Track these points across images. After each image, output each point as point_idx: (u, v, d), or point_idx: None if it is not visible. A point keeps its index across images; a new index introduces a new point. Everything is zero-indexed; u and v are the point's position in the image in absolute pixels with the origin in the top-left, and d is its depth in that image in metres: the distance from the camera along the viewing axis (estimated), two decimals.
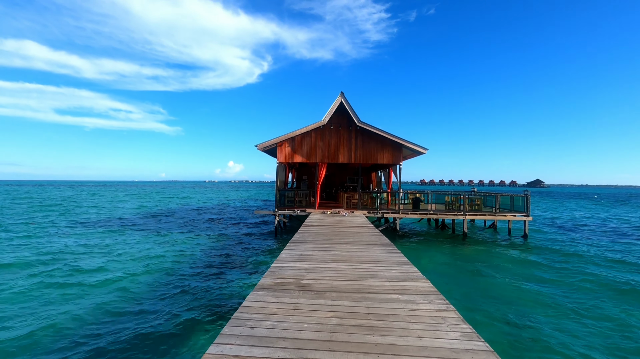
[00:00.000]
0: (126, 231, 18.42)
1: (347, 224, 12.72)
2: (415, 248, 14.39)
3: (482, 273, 10.57)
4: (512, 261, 12.47)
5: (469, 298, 8.25)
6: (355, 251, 7.62)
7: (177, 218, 26.04)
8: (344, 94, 16.93)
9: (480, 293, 8.62)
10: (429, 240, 16.62)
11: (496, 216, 17.51)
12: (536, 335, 6.19)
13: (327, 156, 17.95)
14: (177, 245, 14.75)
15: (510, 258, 12.97)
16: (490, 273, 10.64)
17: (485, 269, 11.03)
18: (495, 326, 6.54)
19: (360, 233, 10.50)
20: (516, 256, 13.32)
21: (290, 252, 7.32)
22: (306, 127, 17.18)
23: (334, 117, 17.97)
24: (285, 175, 20.81)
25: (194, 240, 16.01)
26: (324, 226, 12.04)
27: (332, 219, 14.32)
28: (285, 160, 18.06)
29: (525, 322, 6.77)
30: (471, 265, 11.67)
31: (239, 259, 12.12)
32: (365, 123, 17.01)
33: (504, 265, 11.86)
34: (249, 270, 10.71)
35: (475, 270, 10.99)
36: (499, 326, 6.55)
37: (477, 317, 6.86)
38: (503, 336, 6.15)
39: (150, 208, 34.89)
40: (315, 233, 10.31)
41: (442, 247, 14.98)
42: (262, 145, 17.43)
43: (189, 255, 12.76)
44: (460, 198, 18.01)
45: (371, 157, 17.87)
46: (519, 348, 5.71)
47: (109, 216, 26.18)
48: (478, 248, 14.74)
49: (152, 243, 15.16)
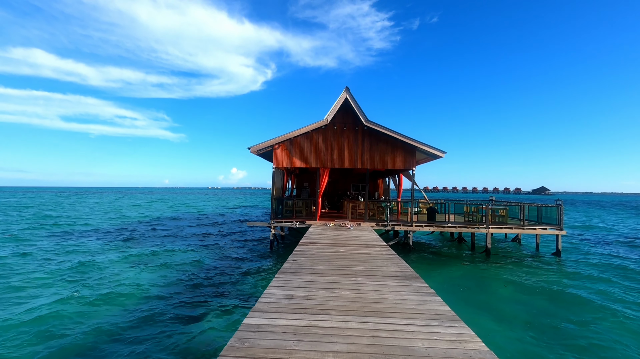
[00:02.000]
0: (89, 243, 16.27)
1: (354, 241, 10.51)
2: (433, 269, 12.09)
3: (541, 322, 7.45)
4: (574, 304, 8.69)
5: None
6: (368, 289, 5.41)
7: (162, 229, 23.88)
8: (349, 89, 14.86)
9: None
10: (447, 258, 14.33)
11: (524, 229, 15.20)
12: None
13: (330, 160, 15.81)
14: (143, 267, 11.89)
15: (563, 294, 10.21)
16: (554, 323, 7.31)
17: (538, 316, 7.94)
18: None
19: (371, 255, 8.27)
20: (573, 289, 10.56)
21: (276, 292, 5.12)
22: (306, 127, 15.09)
23: (338, 116, 15.87)
24: (283, 181, 18.68)
25: (170, 257, 13.68)
26: (325, 244, 9.83)
27: (335, 234, 12.11)
28: (283, 165, 15.94)
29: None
30: (517, 303, 8.64)
31: (210, 293, 8.95)
32: (374, 123, 14.90)
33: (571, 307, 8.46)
34: (217, 316, 7.46)
35: (529, 311, 8.35)
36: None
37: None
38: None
39: (135, 217, 32.81)
40: (314, 255, 8.09)
41: (465, 268, 12.66)
42: (255, 148, 15.34)
43: (143, 288, 9.29)
44: (482, 209, 15.75)
45: (380, 162, 15.70)
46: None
47: (81, 228, 24.08)
48: (508, 270, 12.42)
49: (115, 259, 12.95)
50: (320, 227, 14.11)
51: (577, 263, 13.98)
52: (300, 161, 15.87)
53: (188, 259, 13.07)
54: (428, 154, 15.73)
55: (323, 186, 16.14)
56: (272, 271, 11.46)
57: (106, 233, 20.78)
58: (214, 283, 9.95)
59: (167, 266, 11.95)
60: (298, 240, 12.19)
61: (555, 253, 15.31)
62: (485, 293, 9.60)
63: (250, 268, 11.75)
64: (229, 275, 10.95)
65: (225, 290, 9.29)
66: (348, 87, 14.84)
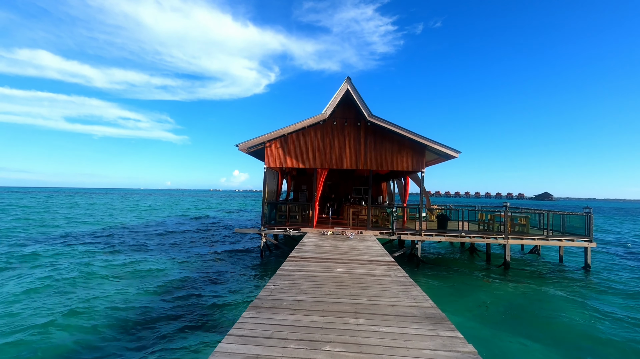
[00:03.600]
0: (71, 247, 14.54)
1: (355, 254, 8.73)
2: (452, 290, 10.20)
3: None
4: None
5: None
6: (375, 343, 3.63)
7: (146, 234, 22.15)
8: (351, 80, 13.15)
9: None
10: (463, 274, 12.49)
11: (549, 240, 13.37)
12: None
13: (329, 160, 14.07)
14: (101, 282, 10.12)
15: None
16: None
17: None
18: None
19: (377, 277, 6.49)
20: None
21: (233, 350, 3.35)
22: (301, 122, 13.36)
23: (338, 110, 14.15)
24: (277, 183, 16.95)
25: (136, 272, 11.77)
26: (320, 259, 8.05)
27: (333, 245, 10.33)
28: (276, 165, 14.21)
29: None
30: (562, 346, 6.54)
31: (171, 329, 6.73)
32: (378, 118, 13.16)
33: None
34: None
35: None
36: None
37: None
38: None
39: (116, 222, 31.14)
40: (303, 278, 6.32)
41: (491, 288, 10.77)
42: (245, 145, 13.61)
43: (89, 313, 7.39)
44: (500, 216, 13.94)
45: (385, 162, 13.94)
46: None
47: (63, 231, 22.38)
48: (533, 289, 10.57)
49: (81, 270, 11.20)
50: (316, 236, 12.35)
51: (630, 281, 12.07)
52: (295, 160, 14.13)
53: (158, 275, 11.08)
54: (439, 154, 13.96)
55: (320, 190, 14.38)
56: (260, 285, 9.68)
57: (72, 238, 19.06)
58: (172, 315, 7.47)
59: (134, 285, 10.16)
60: (293, 246, 10.44)
61: (584, 268, 13.46)
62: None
63: (231, 289, 9.49)
64: (195, 304, 8.87)
65: (179, 331, 6.69)
66: (349, 78, 13.13)
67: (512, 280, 11.49)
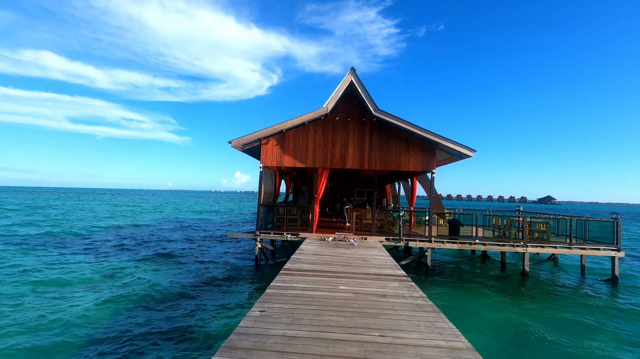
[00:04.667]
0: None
1: (360, 266, 7.54)
2: (472, 309, 8.95)
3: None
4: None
5: None
6: None
7: (133, 238, 21.02)
8: (355, 71, 11.99)
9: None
10: (479, 285, 11.26)
11: (572, 249, 12.14)
12: None
13: (330, 159, 12.90)
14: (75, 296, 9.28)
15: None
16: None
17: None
18: None
19: (388, 298, 5.30)
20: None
21: None
22: (300, 117, 12.19)
23: (341, 104, 12.99)
24: (274, 184, 15.78)
25: (105, 278, 10.81)
26: (319, 272, 6.86)
27: (334, 253, 9.14)
28: (273, 164, 13.04)
29: None
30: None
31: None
32: (385, 113, 11.99)
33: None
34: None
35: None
36: None
37: None
38: None
39: (112, 222, 30.07)
40: (297, 300, 5.14)
41: (516, 305, 9.53)
42: (239, 141, 12.45)
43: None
44: (518, 222, 12.72)
45: (392, 162, 12.75)
46: None
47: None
48: (561, 308, 9.33)
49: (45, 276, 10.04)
50: (316, 242, 11.15)
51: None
52: (294, 159, 12.96)
53: (137, 286, 9.84)
54: (452, 153, 12.77)
55: (321, 191, 13.20)
56: (249, 303, 8.49)
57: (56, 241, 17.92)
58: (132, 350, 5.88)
59: (96, 295, 8.99)
60: (291, 252, 9.23)
61: (610, 280, 12.20)
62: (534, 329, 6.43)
63: (212, 308, 8.04)
64: (191, 313, 7.93)
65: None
66: (354, 69, 11.97)
67: (534, 295, 10.23)
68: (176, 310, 7.94)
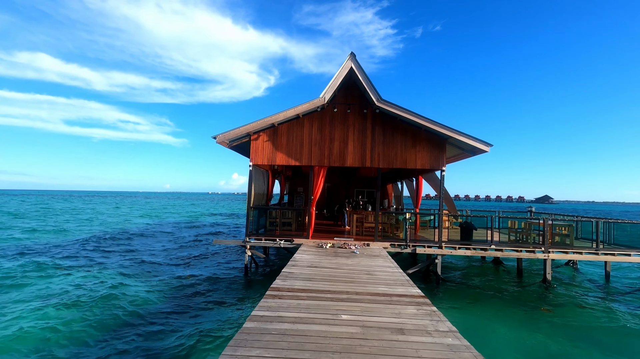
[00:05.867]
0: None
1: (364, 282, 6.19)
2: (490, 316, 7.66)
3: None
4: None
5: None
6: None
7: (115, 244, 19.58)
8: (356, 57, 10.66)
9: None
10: (497, 295, 9.93)
11: (599, 255, 10.85)
12: None
13: (328, 156, 11.55)
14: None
15: None
16: None
17: None
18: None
19: (408, 337, 3.95)
20: None
21: None
22: (294, 109, 10.83)
23: (340, 94, 11.67)
24: (267, 184, 14.41)
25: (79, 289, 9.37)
26: (314, 295, 5.50)
27: (333, 264, 7.78)
28: (264, 162, 11.67)
29: None
30: None
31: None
32: (389, 103, 10.66)
33: None
34: None
35: None
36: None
37: None
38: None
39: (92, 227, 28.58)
40: (283, 340, 3.78)
41: (546, 319, 8.24)
42: (225, 136, 11.07)
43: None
44: (539, 225, 11.42)
45: (397, 158, 11.42)
46: None
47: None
48: (597, 322, 8.02)
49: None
50: (312, 249, 9.79)
51: None
52: (287, 157, 11.60)
53: (96, 303, 8.45)
54: (463, 148, 11.46)
55: (318, 192, 11.84)
56: (237, 324, 7.10)
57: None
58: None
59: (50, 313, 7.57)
60: (285, 261, 7.87)
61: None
62: None
63: (185, 335, 6.58)
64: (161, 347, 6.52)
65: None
66: (354, 54, 10.65)
67: (564, 309, 8.92)
68: (128, 341, 6.39)
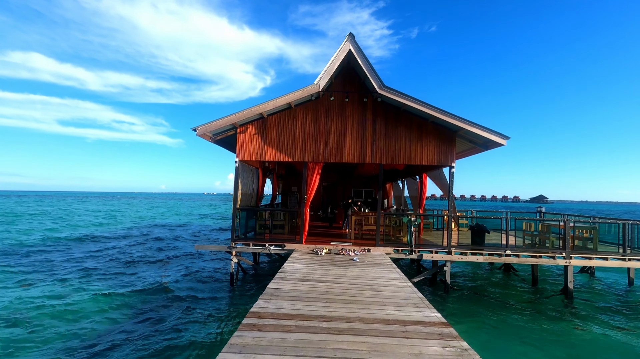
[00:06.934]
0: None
1: (368, 304, 4.96)
2: (497, 332, 6.47)
3: None
4: None
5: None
6: None
7: (84, 250, 18.19)
8: (355, 38, 9.42)
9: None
10: (509, 305, 8.74)
11: (627, 261, 9.72)
12: None
13: (324, 151, 10.31)
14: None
15: None
16: None
17: None
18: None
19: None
20: None
21: None
22: (284, 97, 9.55)
23: (337, 81, 10.43)
24: (257, 183, 13.10)
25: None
26: (305, 323, 4.24)
27: (330, 276, 6.53)
28: (252, 158, 10.40)
29: None
30: None
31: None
32: (392, 90, 9.42)
33: None
34: None
35: None
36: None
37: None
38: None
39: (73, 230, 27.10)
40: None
41: (578, 338, 7.05)
42: (206, 128, 9.77)
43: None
44: (558, 227, 10.27)
45: (401, 154, 10.20)
46: None
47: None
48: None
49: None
50: (305, 257, 8.53)
51: None
52: (278, 152, 10.33)
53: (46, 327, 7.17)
54: (476, 142, 10.28)
55: (313, 191, 10.59)
56: (219, 342, 5.83)
57: None
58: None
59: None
60: (277, 269, 6.63)
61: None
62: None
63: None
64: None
65: None
66: (352, 35, 9.41)
67: (586, 314, 7.76)
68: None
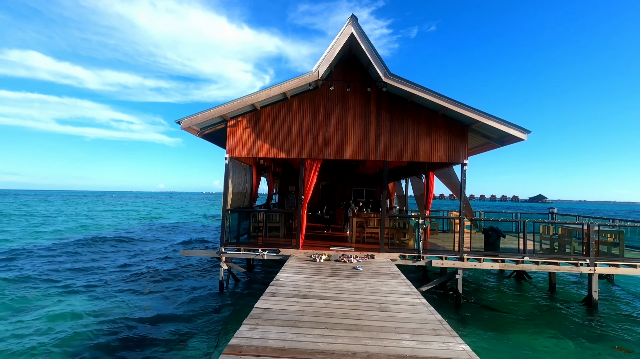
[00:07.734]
0: None
1: (376, 329, 4.00)
2: (518, 354, 5.51)
3: None
4: None
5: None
6: None
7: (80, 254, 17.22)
8: (357, 21, 8.45)
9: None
10: (529, 319, 7.80)
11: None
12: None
13: (323, 147, 9.34)
14: None
15: None
16: None
17: None
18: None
19: None
20: None
21: None
22: (279, 86, 8.57)
23: (337, 70, 9.47)
24: (251, 182, 12.14)
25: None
26: (296, 356, 3.28)
27: (329, 291, 5.57)
28: (244, 154, 9.43)
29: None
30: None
31: None
32: (399, 78, 8.45)
33: None
34: None
35: None
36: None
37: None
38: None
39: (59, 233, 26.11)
40: None
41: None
42: (191, 121, 8.78)
43: None
44: (580, 231, 9.33)
45: (407, 149, 9.24)
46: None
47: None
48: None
49: None
50: (302, 265, 7.56)
51: None
52: (273, 147, 9.37)
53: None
54: (491, 137, 9.33)
55: (310, 191, 9.62)
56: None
57: None
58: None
59: None
60: (272, 276, 5.68)
61: None
62: None
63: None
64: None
65: None
66: (355, 17, 8.44)
67: (619, 329, 6.82)
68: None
